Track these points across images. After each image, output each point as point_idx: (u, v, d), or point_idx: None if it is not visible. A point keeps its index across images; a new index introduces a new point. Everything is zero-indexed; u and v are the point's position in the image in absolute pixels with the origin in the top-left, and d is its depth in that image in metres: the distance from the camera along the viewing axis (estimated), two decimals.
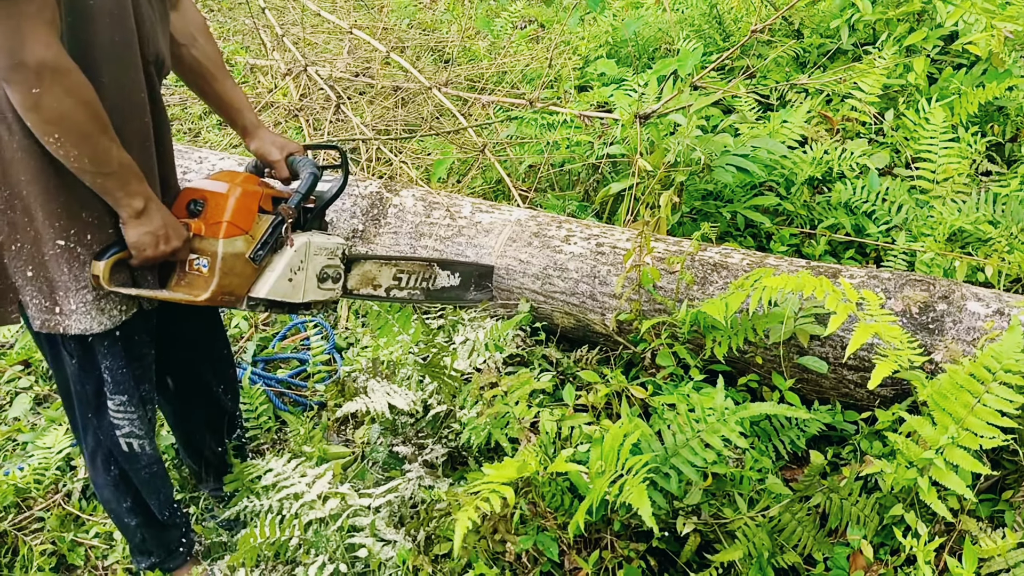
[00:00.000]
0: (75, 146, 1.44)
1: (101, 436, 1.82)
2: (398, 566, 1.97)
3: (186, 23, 1.83)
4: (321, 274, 1.88)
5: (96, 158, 1.47)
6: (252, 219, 1.75)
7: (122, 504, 1.94)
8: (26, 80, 1.36)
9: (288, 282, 1.80)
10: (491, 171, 3.66)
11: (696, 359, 2.27)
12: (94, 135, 1.45)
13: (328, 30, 4.92)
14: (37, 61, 1.35)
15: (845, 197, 3.06)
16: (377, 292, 2.17)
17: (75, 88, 1.41)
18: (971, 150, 3.08)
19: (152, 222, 1.60)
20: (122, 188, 1.54)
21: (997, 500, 1.90)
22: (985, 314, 2.07)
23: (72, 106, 1.41)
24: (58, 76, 1.38)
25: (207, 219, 1.71)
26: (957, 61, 3.70)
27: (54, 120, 1.41)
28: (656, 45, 4.52)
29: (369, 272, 2.13)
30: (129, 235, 1.60)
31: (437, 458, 2.25)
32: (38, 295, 1.60)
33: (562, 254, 2.68)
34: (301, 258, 1.82)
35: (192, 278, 1.71)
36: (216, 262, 1.68)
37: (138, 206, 1.57)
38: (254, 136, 1.94)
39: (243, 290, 1.75)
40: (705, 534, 1.86)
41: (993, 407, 1.63)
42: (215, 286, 1.68)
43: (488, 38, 5.13)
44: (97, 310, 1.62)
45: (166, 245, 1.63)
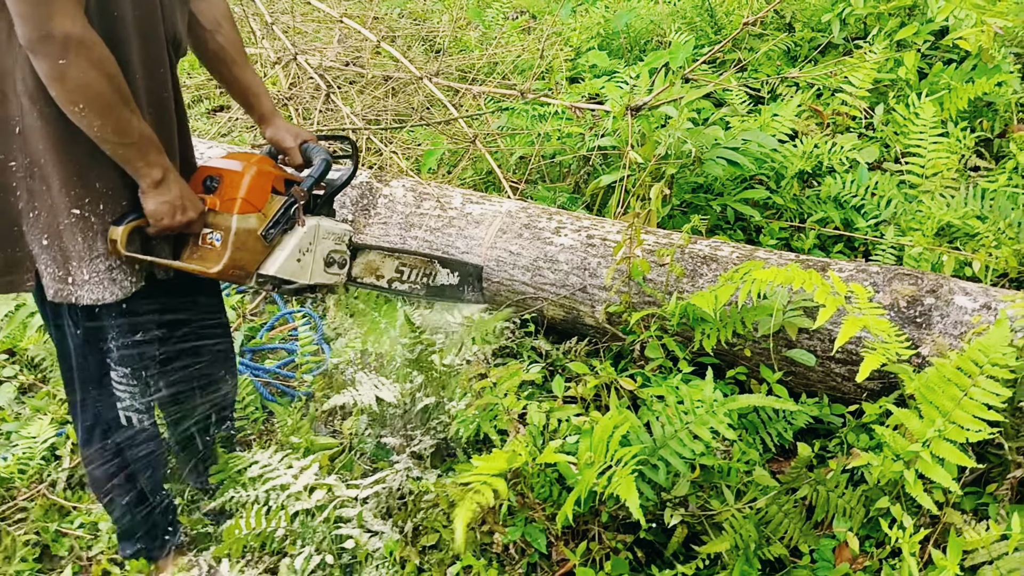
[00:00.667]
0: (98, 116, 1.49)
1: (101, 409, 1.83)
2: (385, 557, 1.97)
3: (212, 9, 1.89)
4: (328, 258, 1.93)
5: (118, 128, 1.52)
6: (265, 198, 1.80)
7: (113, 483, 1.94)
8: (53, 52, 1.41)
9: (296, 262, 1.85)
10: (482, 162, 3.65)
11: (685, 351, 2.27)
12: (116, 106, 1.50)
13: (318, 19, 4.89)
14: (64, 33, 1.40)
15: (835, 191, 3.07)
16: (380, 282, 2.21)
17: (99, 61, 1.46)
18: (960, 145, 3.08)
19: (170, 192, 1.64)
20: (142, 158, 1.58)
21: (982, 493, 1.92)
22: (972, 308, 2.08)
23: (96, 78, 1.45)
24: (83, 48, 1.43)
25: (222, 195, 1.76)
26: (947, 56, 3.70)
27: (78, 91, 1.45)
28: (648, 37, 4.51)
29: (373, 262, 2.17)
30: (147, 204, 1.64)
31: (425, 449, 2.24)
32: (52, 264, 1.63)
33: (552, 246, 2.67)
34: (310, 240, 1.88)
35: (205, 251, 1.76)
36: (229, 236, 1.74)
37: (157, 176, 1.61)
38: (270, 123, 1.99)
39: (253, 266, 1.80)
40: (692, 526, 1.87)
41: (979, 400, 1.64)
42: (227, 259, 1.73)
43: (479, 28, 5.11)
44: (109, 280, 1.66)
45: (182, 215, 1.68)
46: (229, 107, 4.71)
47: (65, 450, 2.51)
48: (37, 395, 2.80)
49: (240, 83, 1.97)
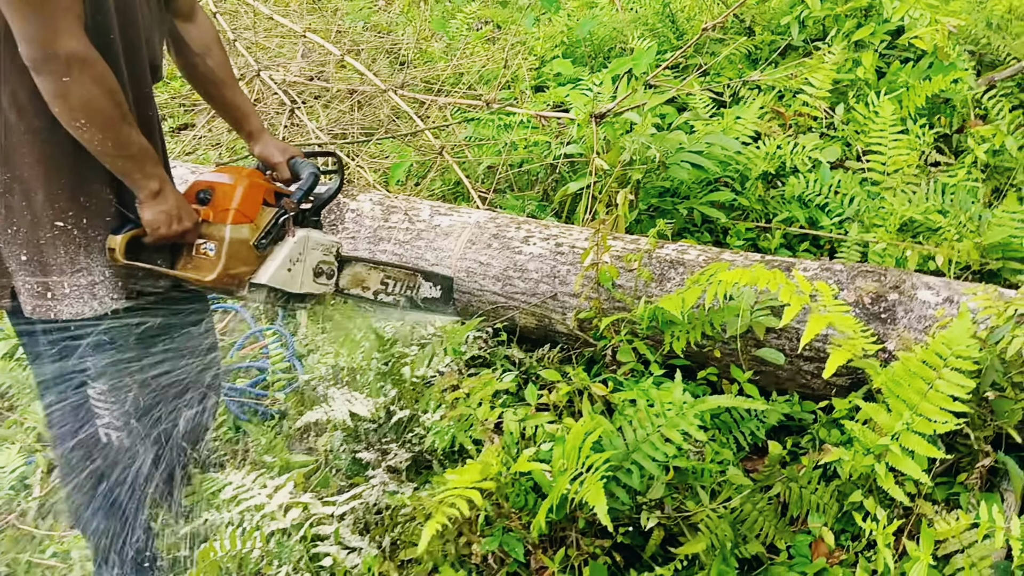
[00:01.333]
0: (99, 131, 1.53)
1: (78, 428, 1.83)
2: (364, 573, 1.95)
3: (202, 34, 1.96)
4: (317, 268, 1.99)
5: (118, 142, 1.57)
6: (257, 210, 1.86)
7: (91, 508, 1.92)
8: (57, 70, 1.45)
9: (287, 272, 1.90)
10: (450, 173, 3.65)
11: (656, 354, 2.29)
12: (116, 121, 1.55)
13: (282, 34, 4.87)
14: (68, 52, 1.45)
15: (798, 191, 3.11)
16: (366, 294, 2.25)
17: (101, 77, 1.50)
18: (920, 142, 3.14)
19: (167, 202, 1.69)
20: (140, 170, 1.63)
21: (952, 483, 1.95)
22: (935, 302, 2.12)
23: (98, 94, 1.50)
24: (86, 66, 1.47)
25: (216, 207, 1.81)
26: (904, 55, 3.77)
27: (81, 107, 1.49)
28: (611, 44, 4.55)
29: (360, 274, 2.22)
30: (145, 214, 1.68)
31: (401, 463, 2.23)
32: (31, 279, 1.64)
33: (522, 255, 2.68)
34: (300, 250, 1.93)
35: (199, 261, 1.80)
36: (223, 246, 1.78)
37: (154, 187, 1.66)
38: (258, 140, 2.06)
39: (246, 275, 1.85)
40: (669, 528, 1.88)
41: (945, 392, 1.67)
42: (221, 269, 1.78)
43: (444, 40, 5.12)
44: (90, 295, 1.67)
45: (179, 225, 1.72)
46: (193, 125, 4.68)
47: (35, 478, 2.47)
48: (4, 424, 2.75)
49: (229, 104, 2.03)
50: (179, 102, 4.98)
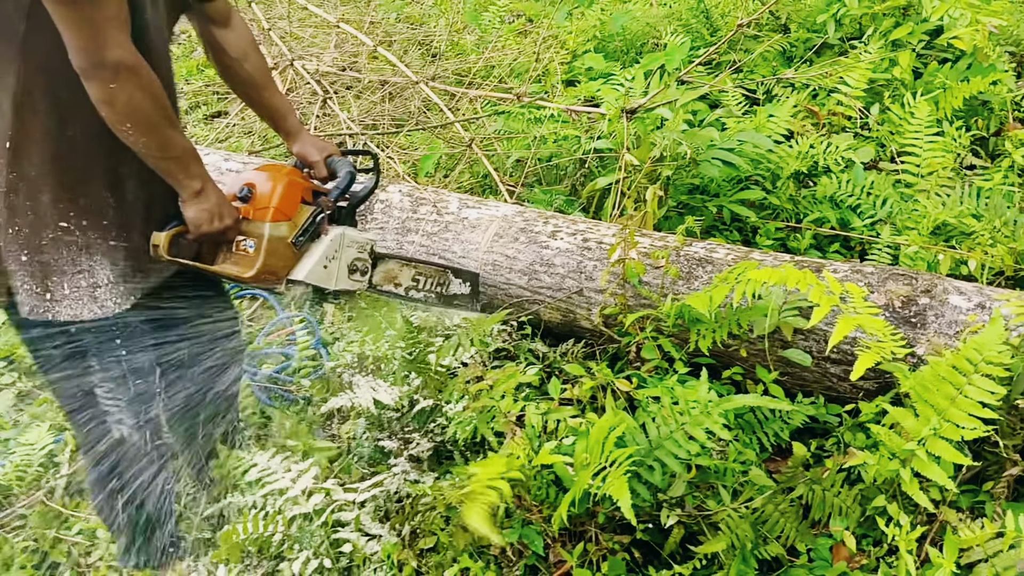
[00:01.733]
0: (144, 135, 1.57)
1: (90, 426, 1.84)
2: (383, 560, 1.97)
3: (239, 40, 1.99)
4: (352, 265, 2.02)
5: (162, 144, 1.61)
6: (295, 208, 1.89)
7: (111, 502, 1.94)
8: (104, 77, 1.49)
9: (323, 268, 1.94)
10: (478, 165, 3.66)
11: (681, 352, 2.28)
12: (161, 125, 1.59)
13: (315, 24, 4.90)
14: (115, 60, 1.48)
15: (830, 191, 3.07)
16: (397, 290, 2.28)
17: (146, 84, 1.54)
18: (955, 144, 3.09)
19: (208, 200, 1.72)
20: (183, 171, 1.67)
21: (979, 491, 1.92)
22: (967, 308, 2.08)
23: (143, 99, 1.54)
24: (132, 74, 1.51)
25: (255, 204, 1.85)
26: (942, 56, 3.71)
27: (127, 112, 1.53)
28: (644, 40, 4.52)
29: (392, 271, 2.25)
30: (188, 212, 1.72)
31: (423, 452, 2.25)
32: (30, 280, 1.64)
33: (549, 249, 2.67)
34: (336, 248, 1.96)
35: (239, 258, 1.84)
36: (262, 243, 1.82)
37: (196, 187, 1.69)
38: (296, 138, 2.09)
39: (284, 272, 1.88)
40: (689, 526, 1.87)
41: (975, 399, 1.64)
42: (260, 265, 1.81)
43: (476, 32, 5.12)
44: (90, 297, 1.68)
45: (220, 222, 1.75)
46: (226, 113, 4.73)
47: (64, 456, 2.52)
48: (35, 402, 2.81)
49: (268, 105, 2.07)
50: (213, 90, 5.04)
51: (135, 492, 1.94)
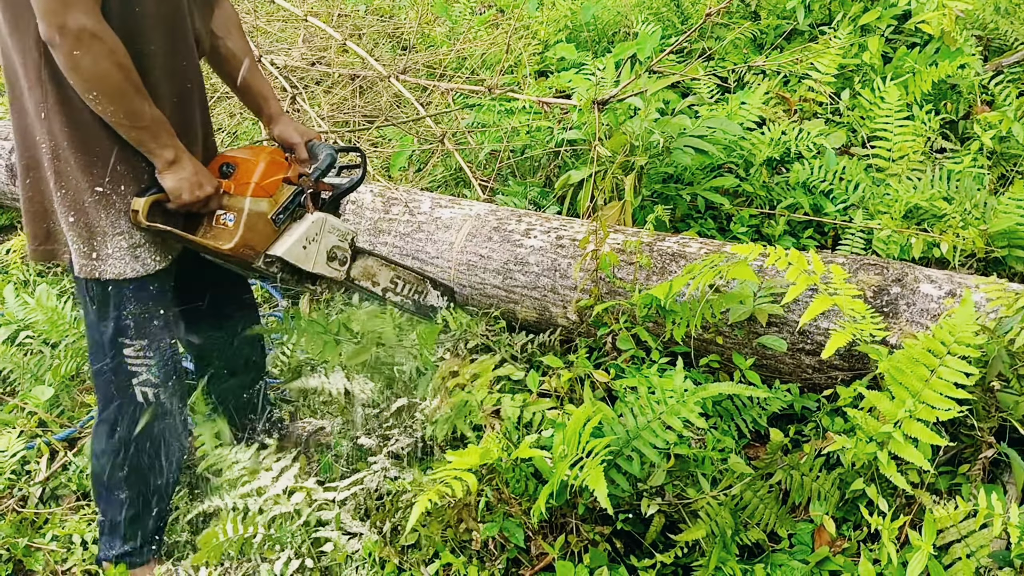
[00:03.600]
0: (111, 102, 1.62)
1: (115, 389, 1.89)
2: (365, 558, 1.96)
3: (224, 16, 2.02)
4: (331, 252, 2.06)
5: (130, 113, 1.65)
6: (277, 185, 1.93)
7: (117, 474, 1.95)
8: (67, 43, 1.54)
9: (302, 249, 1.97)
10: (451, 159, 3.63)
11: (657, 342, 2.28)
12: (128, 93, 1.63)
13: (283, 18, 4.84)
14: (78, 26, 1.53)
15: (803, 177, 3.09)
16: (375, 289, 2.31)
17: (111, 52, 1.58)
18: (925, 128, 3.12)
19: (184, 170, 1.77)
20: (154, 140, 1.71)
21: (955, 473, 1.94)
22: (938, 296, 2.10)
23: (108, 67, 1.58)
24: (96, 40, 1.56)
25: (237, 180, 1.89)
26: (910, 40, 3.74)
27: (92, 79, 1.59)
28: (615, 29, 4.52)
29: (371, 268, 2.27)
30: (165, 182, 1.76)
31: (403, 449, 2.23)
32: (78, 240, 1.76)
33: (523, 248, 2.66)
34: (316, 231, 2.00)
35: (218, 231, 1.88)
36: (242, 217, 1.86)
37: (169, 157, 1.74)
38: (278, 122, 2.11)
39: (262, 247, 1.92)
40: (669, 515, 1.87)
41: (948, 379, 1.65)
42: (239, 238, 1.85)
43: (447, 24, 5.09)
44: (132, 257, 1.79)
45: (200, 191, 1.80)
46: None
47: (39, 464, 2.47)
48: (5, 408, 2.76)
49: (249, 86, 2.08)
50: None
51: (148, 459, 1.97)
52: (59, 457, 2.50)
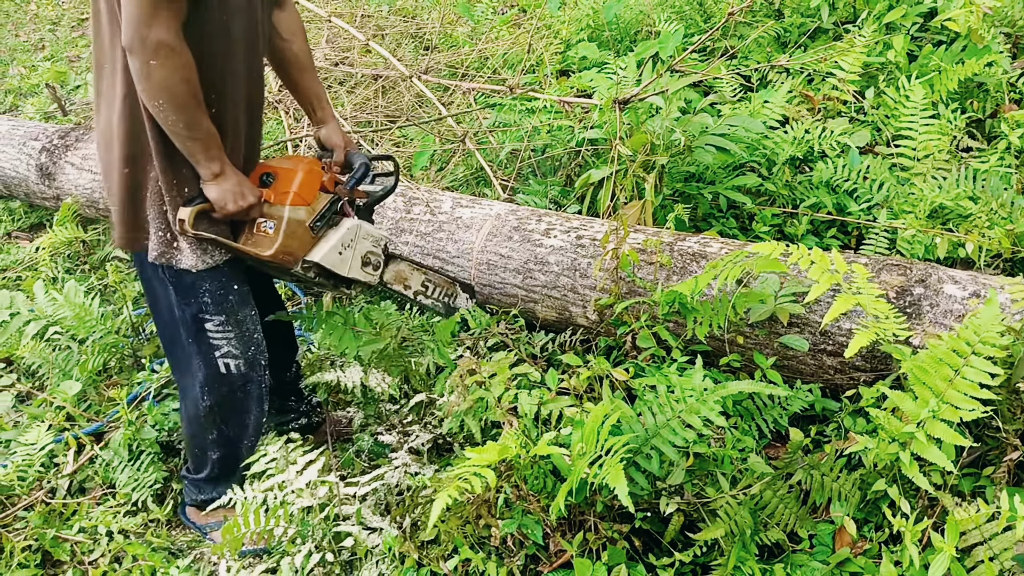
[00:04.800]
0: (175, 112, 1.73)
1: (200, 363, 2.04)
2: (385, 553, 1.97)
3: (290, 21, 2.13)
4: (365, 258, 2.13)
5: (189, 124, 1.75)
6: (314, 195, 2.01)
7: (207, 436, 2.14)
8: (145, 53, 1.65)
9: (338, 255, 2.05)
10: (472, 158, 3.65)
11: (678, 341, 2.27)
12: (190, 105, 1.73)
13: (307, 19, 4.87)
14: (157, 39, 1.64)
15: (826, 176, 3.06)
16: (407, 292, 2.37)
17: (183, 66, 1.69)
18: (951, 127, 3.08)
19: (228, 181, 1.87)
20: (204, 152, 1.81)
21: (979, 476, 1.92)
22: (962, 297, 2.07)
23: (177, 80, 1.69)
24: (172, 54, 1.67)
25: (277, 189, 1.98)
26: (937, 38, 3.69)
27: (161, 89, 1.69)
28: (637, 28, 4.50)
29: (403, 272, 2.34)
30: (210, 193, 1.87)
31: (422, 445, 2.25)
32: (161, 230, 1.90)
33: (543, 248, 2.67)
34: (352, 237, 2.08)
35: (259, 238, 1.96)
36: (282, 225, 1.94)
37: (216, 169, 1.84)
38: (325, 125, 2.22)
39: (301, 253, 2.00)
40: (688, 513, 1.87)
41: (973, 380, 1.64)
42: (279, 245, 1.94)
43: (469, 24, 5.10)
44: (202, 251, 1.92)
45: (243, 201, 1.89)
46: None
47: (67, 456, 2.52)
48: (34, 402, 2.81)
49: (306, 88, 2.20)
50: None
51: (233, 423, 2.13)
52: (86, 451, 2.55)
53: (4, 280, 3.67)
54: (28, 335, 2.94)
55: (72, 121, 5.24)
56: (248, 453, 2.17)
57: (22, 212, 4.32)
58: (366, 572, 1.94)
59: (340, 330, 2.28)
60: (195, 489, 2.26)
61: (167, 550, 2.22)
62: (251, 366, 2.09)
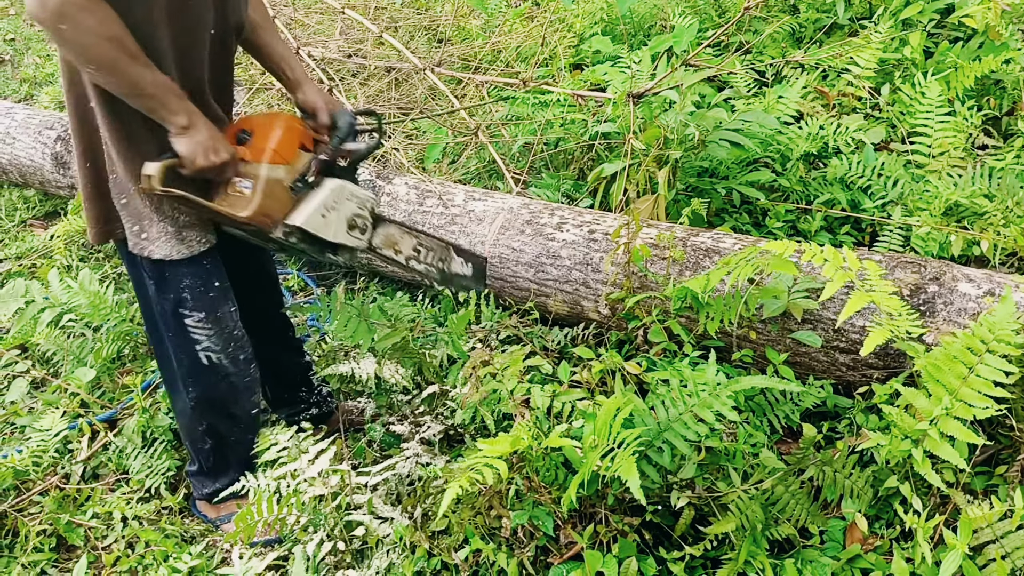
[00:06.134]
0: (109, 73, 1.59)
1: (182, 354, 1.99)
2: (395, 543, 1.98)
3: None
4: (351, 220, 1.99)
5: (131, 82, 1.61)
6: (294, 153, 1.88)
7: (197, 428, 2.12)
8: (51, 19, 1.50)
9: (321, 217, 1.91)
10: (485, 151, 3.65)
11: (690, 336, 2.27)
12: (121, 62, 1.57)
13: (320, 10, 4.88)
14: (58, 2, 1.48)
15: (841, 172, 3.05)
16: (398, 257, 2.25)
17: (98, 23, 1.53)
18: (967, 124, 3.06)
19: (199, 134, 1.72)
20: (163, 107, 1.66)
21: (992, 474, 1.91)
22: (976, 295, 2.07)
23: (95, 40, 1.53)
24: (81, 13, 1.50)
25: (254, 146, 1.84)
26: (953, 35, 3.67)
27: (82, 53, 1.55)
28: (651, 22, 4.49)
29: (393, 235, 2.22)
30: (179, 147, 1.71)
31: (434, 436, 2.26)
32: (130, 219, 1.82)
33: (555, 241, 2.67)
34: (335, 199, 1.93)
35: (235, 199, 1.83)
36: (259, 184, 1.81)
37: (182, 122, 1.69)
38: (300, 87, 2.04)
39: (280, 215, 1.86)
40: (699, 507, 1.87)
41: (987, 377, 1.63)
42: (256, 206, 1.80)
43: (482, 16, 5.10)
44: (177, 239, 1.83)
45: (215, 156, 1.75)
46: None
47: (81, 443, 2.54)
48: (49, 389, 2.83)
49: (268, 48, 2.02)
50: None
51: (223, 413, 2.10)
52: (100, 437, 2.57)
53: (19, 268, 3.70)
54: (43, 322, 2.96)
55: None
56: (244, 445, 2.16)
57: (37, 200, 4.34)
58: (377, 561, 1.95)
59: (355, 322, 2.27)
60: (198, 483, 2.27)
61: (180, 537, 2.23)
62: (233, 360, 2.03)
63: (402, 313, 2.43)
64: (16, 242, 3.91)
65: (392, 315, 2.37)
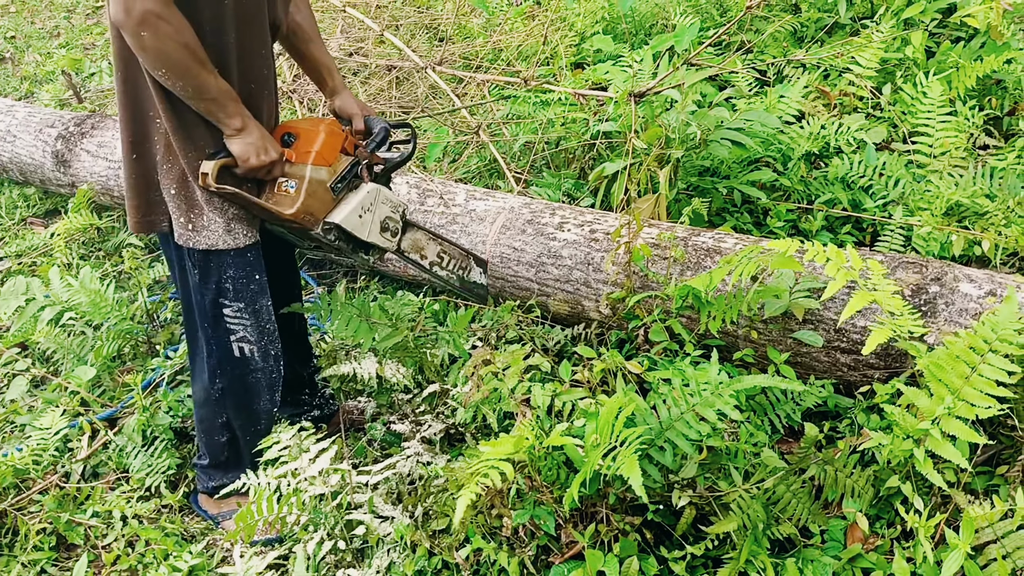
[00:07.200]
0: (179, 78, 1.73)
1: (215, 345, 2.05)
2: (396, 542, 1.98)
3: None
4: (384, 223, 2.14)
5: (197, 87, 1.75)
6: (335, 156, 2.01)
7: (217, 420, 2.16)
8: (133, 25, 1.64)
9: (358, 218, 2.05)
10: (486, 151, 3.64)
11: (691, 335, 2.27)
12: (192, 69, 1.72)
13: (321, 8, 4.87)
14: (142, 10, 1.63)
15: (842, 172, 3.05)
16: (423, 262, 2.37)
17: (175, 32, 1.68)
18: (969, 124, 3.06)
19: (251, 135, 1.86)
20: (222, 110, 1.81)
21: (993, 474, 1.91)
22: (978, 295, 2.06)
23: (173, 47, 1.68)
24: (160, 22, 1.65)
25: (298, 148, 1.97)
26: (955, 34, 3.67)
27: (158, 58, 1.69)
28: (653, 21, 4.49)
29: (420, 240, 2.34)
30: (233, 147, 1.86)
31: (435, 435, 2.25)
32: (178, 210, 1.91)
33: (556, 241, 2.66)
34: (371, 201, 2.08)
35: (280, 197, 1.96)
36: (303, 184, 1.94)
37: (237, 125, 1.84)
38: (338, 95, 2.22)
39: (321, 214, 1.99)
40: (700, 507, 1.87)
41: (989, 377, 1.63)
42: (300, 204, 1.93)
43: (483, 15, 5.09)
44: (225, 231, 1.92)
45: (266, 155, 1.89)
46: None
47: (81, 441, 2.54)
48: (49, 387, 2.83)
49: (314, 58, 2.18)
50: None
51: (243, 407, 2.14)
52: (100, 436, 2.57)
53: (20, 266, 3.69)
54: (43, 320, 2.96)
55: (87, 108, 5.26)
56: (256, 443, 2.17)
57: (37, 198, 4.34)
58: (377, 560, 1.95)
59: (356, 321, 2.28)
60: (206, 476, 2.28)
61: (180, 535, 2.23)
62: (264, 355, 2.10)
63: (403, 312, 2.43)
64: (16, 240, 3.91)
65: (393, 314, 2.37)
